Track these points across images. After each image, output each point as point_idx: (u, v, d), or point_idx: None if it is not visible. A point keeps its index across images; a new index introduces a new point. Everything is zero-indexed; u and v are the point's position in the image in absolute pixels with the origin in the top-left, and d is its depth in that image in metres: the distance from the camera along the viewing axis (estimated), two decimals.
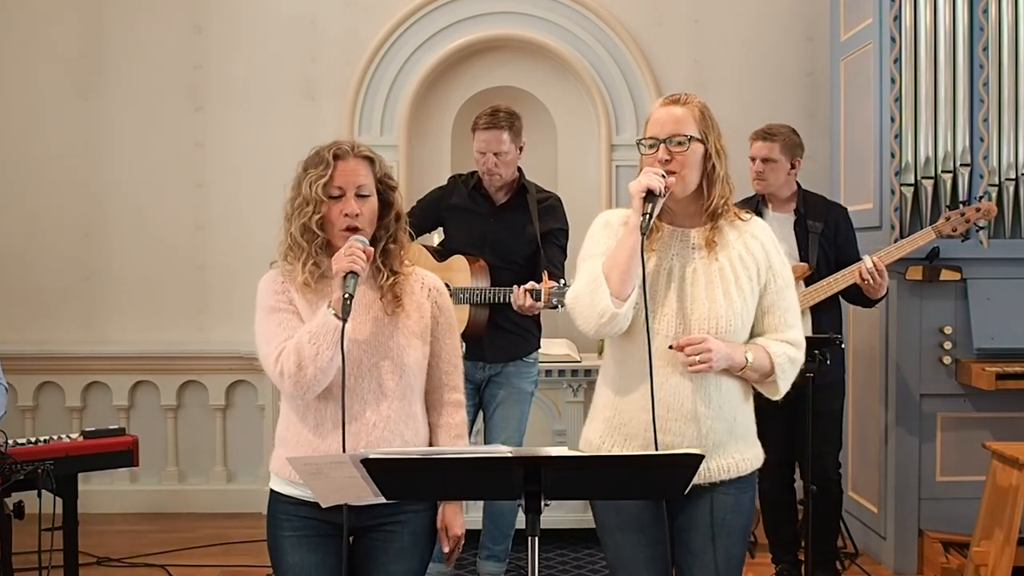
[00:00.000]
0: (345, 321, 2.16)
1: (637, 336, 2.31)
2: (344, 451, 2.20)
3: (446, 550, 2.43)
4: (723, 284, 2.31)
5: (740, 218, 2.41)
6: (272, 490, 2.39)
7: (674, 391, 2.30)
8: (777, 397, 2.41)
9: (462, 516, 2.44)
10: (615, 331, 2.30)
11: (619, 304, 2.25)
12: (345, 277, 2.18)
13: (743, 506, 2.41)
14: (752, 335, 2.38)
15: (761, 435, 2.48)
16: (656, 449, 2.26)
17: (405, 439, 2.32)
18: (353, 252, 2.20)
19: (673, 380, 2.30)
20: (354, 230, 2.27)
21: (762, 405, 2.52)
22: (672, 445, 2.28)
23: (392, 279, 2.34)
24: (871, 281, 3.71)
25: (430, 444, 2.40)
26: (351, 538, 2.35)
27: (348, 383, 2.24)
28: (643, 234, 2.23)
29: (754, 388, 2.43)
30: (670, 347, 2.27)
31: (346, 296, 2.16)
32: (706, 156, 2.33)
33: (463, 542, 2.44)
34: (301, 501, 2.31)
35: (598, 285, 2.27)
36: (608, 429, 2.39)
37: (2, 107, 5.43)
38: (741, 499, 2.40)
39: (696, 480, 2.26)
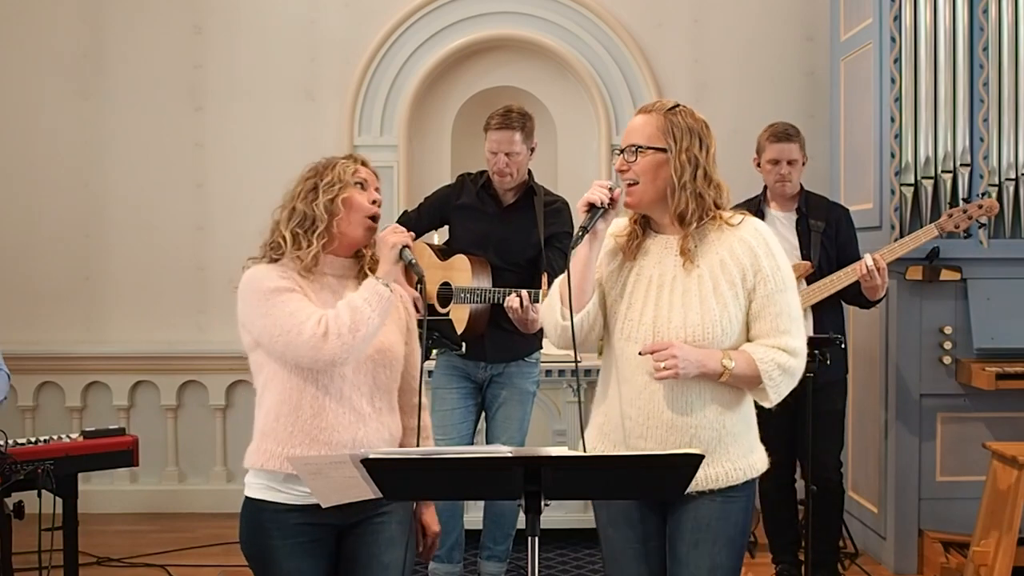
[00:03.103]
0: (422, 279, 2.35)
1: (615, 344, 2.36)
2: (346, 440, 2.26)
3: (421, 549, 2.50)
4: (700, 292, 2.28)
5: (729, 223, 2.33)
6: (251, 499, 2.34)
7: (651, 398, 2.29)
8: (768, 405, 2.35)
9: (434, 511, 2.54)
10: (577, 341, 2.33)
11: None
12: (401, 250, 2.33)
13: (731, 515, 2.34)
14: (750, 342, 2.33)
15: (762, 435, 2.46)
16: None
17: (391, 432, 2.39)
18: (400, 229, 2.37)
19: (651, 387, 2.29)
20: (375, 219, 2.40)
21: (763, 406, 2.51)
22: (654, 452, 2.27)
23: None
24: (870, 278, 3.70)
25: (401, 446, 2.44)
26: (339, 536, 2.37)
27: (346, 373, 2.30)
28: (572, 246, 2.30)
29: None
30: (640, 353, 2.26)
31: (412, 261, 2.33)
32: (669, 165, 2.29)
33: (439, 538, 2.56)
34: (290, 507, 2.29)
35: (554, 301, 2.38)
36: (600, 435, 2.42)
37: (2, 107, 5.43)
38: (728, 508, 2.34)
39: None
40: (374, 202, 2.40)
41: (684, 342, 2.25)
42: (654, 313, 2.30)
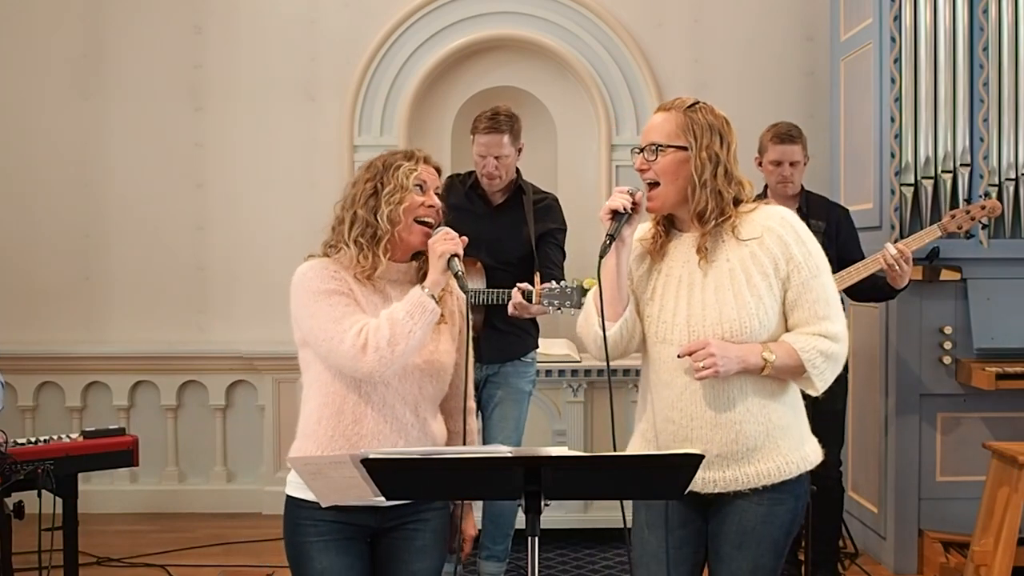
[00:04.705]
0: (467, 293, 2.25)
1: (650, 348, 2.34)
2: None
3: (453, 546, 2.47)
4: (733, 286, 2.24)
5: (748, 215, 2.30)
6: (291, 496, 2.34)
7: (693, 399, 2.26)
8: (815, 394, 2.30)
9: (473, 517, 2.51)
10: (616, 352, 2.31)
11: (608, 326, 2.28)
12: (450, 259, 2.24)
13: (777, 517, 2.30)
14: (789, 331, 2.29)
15: None
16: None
17: (435, 441, 2.36)
18: (451, 236, 2.27)
19: (692, 388, 2.26)
20: (428, 225, 2.31)
21: None
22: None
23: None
24: (898, 268, 3.68)
25: None
26: (373, 539, 2.35)
27: (391, 381, 2.27)
28: (601, 256, 2.25)
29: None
30: (679, 356, 2.23)
31: (459, 273, 2.24)
32: (689, 163, 2.26)
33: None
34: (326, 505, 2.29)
35: (589, 312, 2.35)
36: (644, 442, 2.38)
37: (2, 107, 5.43)
38: (775, 510, 2.30)
39: (735, 486, 2.26)
40: (431, 207, 2.33)
41: (721, 339, 2.21)
42: (687, 312, 2.27)
